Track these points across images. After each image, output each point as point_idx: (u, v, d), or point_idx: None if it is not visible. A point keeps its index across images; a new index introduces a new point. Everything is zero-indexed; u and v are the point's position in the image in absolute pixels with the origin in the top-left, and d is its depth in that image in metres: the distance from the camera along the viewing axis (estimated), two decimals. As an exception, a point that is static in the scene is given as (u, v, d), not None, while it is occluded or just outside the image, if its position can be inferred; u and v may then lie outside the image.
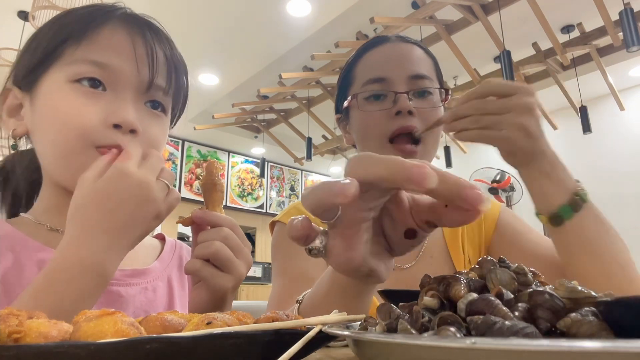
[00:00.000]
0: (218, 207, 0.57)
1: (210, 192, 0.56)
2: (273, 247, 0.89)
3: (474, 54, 3.79)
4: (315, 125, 4.90)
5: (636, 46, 2.66)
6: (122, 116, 0.55)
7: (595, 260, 0.62)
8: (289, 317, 0.33)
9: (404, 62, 0.81)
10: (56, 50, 0.57)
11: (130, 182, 0.47)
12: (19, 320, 0.25)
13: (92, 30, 0.56)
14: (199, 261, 0.52)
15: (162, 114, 0.62)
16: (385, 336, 0.25)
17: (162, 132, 0.62)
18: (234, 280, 0.53)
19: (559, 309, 0.24)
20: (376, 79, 0.80)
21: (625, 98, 4.46)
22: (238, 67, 4.34)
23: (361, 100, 0.81)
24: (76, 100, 0.54)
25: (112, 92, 0.56)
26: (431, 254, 0.87)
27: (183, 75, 0.64)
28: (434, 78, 0.83)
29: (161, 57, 0.60)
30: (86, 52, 0.56)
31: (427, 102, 0.80)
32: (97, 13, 0.58)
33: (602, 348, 0.16)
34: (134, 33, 0.58)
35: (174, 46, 0.64)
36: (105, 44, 0.56)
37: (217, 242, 0.52)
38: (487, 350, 0.18)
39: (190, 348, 0.26)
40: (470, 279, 0.32)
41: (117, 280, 0.60)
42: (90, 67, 0.55)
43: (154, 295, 0.65)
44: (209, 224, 0.55)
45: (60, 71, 0.56)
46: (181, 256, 0.74)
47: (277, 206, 7.01)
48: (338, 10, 3.45)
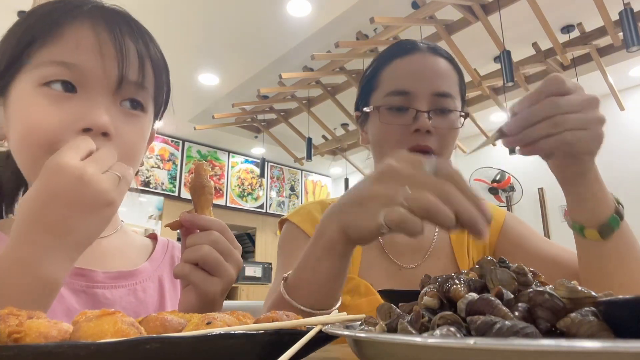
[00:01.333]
0: (207, 209, 0.55)
1: (199, 194, 0.55)
2: (280, 244, 0.90)
3: (474, 54, 3.79)
4: (315, 125, 4.89)
5: (636, 46, 2.65)
6: (91, 119, 0.52)
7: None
8: (289, 317, 0.33)
9: (430, 77, 0.81)
10: (23, 54, 0.54)
11: (64, 176, 0.43)
12: (19, 320, 0.25)
13: (56, 29, 0.54)
14: (187, 265, 0.51)
15: (141, 112, 0.59)
16: (385, 336, 0.25)
17: (140, 132, 0.59)
18: (223, 283, 0.53)
19: (559, 309, 0.24)
20: (400, 92, 0.80)
21: (625, 98, 4.46)
22: (238, 67, 4.34)
23: (383, 110, 0.82)
24: (43, 106, 0.52)
25: (83, 94, 0.54)
26: (437, 256, 0.88)
27: (160, 67, 0.61)
28: (456, 96, 0.83)
29: (132, 50, 0.56)
30: (52, 53, 0.53)
31: (447, 121, 0.80)
32: (62, 10, 0.55)
33: (602, 348, 0.16)
34: (101, 28, 0.55)
35: (148, 38, 0.60)
36: (71, 43, 0.53)
37: (205, 246, 0.51)
38: (487, 350, 0.18)
39: (190, 348, 0.26)
40: (470, 279, 0.32)
41: (102, 283, 0.60)
42: (57, 69, 0.53)
43: (144, 295, 0.64)
44: (197, 227, 0.54)
45: (29, 75, 0.54)
46: (173, 256, 0.74)
47: (277, 206, 7.01)
48: (338, 10, 3.45)
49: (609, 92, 4.07)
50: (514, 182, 5.35)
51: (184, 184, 6.02)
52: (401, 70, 0.83)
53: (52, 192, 0.43)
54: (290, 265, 0.84)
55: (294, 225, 0.88)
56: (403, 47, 0.85)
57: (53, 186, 0.43)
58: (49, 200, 0.43)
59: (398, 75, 0.83)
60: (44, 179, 0.44)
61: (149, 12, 3.29)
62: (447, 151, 0.81)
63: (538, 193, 5.22)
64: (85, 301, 0.57)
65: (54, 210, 0.43)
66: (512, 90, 4.10)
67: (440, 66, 0.83)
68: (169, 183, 5.93)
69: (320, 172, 7.69)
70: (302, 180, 7.52)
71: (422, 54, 0.84)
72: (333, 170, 7.52)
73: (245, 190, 6.75)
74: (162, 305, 0.67)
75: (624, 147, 4.67)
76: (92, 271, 0.59)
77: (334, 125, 5.32)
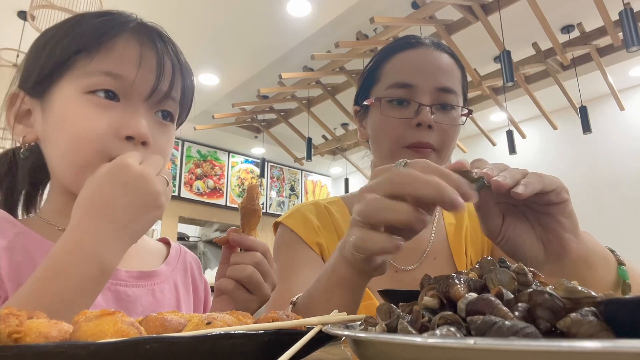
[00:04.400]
0: (254, 231, 0.59)
1: (249, 216, 0.59)
2: (275, 249, 0.89)
3: (474, 54, 3.79)
4: (315, 125, 4.89)
5: (636, 46, 2.65)
6: (134, 128, 0.56)
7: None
8: (289, 317, 0.33)
9: (434, 71, 0.79)
10: (69, 61, 0.57)
11: (130, 173, 0.48)
12: (19, 320, 0.25)
13: (106, 42, 0.57)
14: (232, 282, 0.56)
15: (170, 122, 0.64)
16: (385, 336, 0.25)
17: (170, 141, 0.64)
18: (259, 302, 0.57)
19: (559, 309, 0.24)
20: (403, 84, 0.79)
21: (625, 98, 4.45)
22: (238, 67, 4.34)
23: (384, 102, 0.80)
24: (90, 112, 0.55)
25: (125, 103, 0.57)
26: (434, 256, 0.87)
27: (189, 82, 0.65)
28: (459, 92, 0.82)
29: (169, 66, 0.61)
30: (100, 64, 0.56)
31: (449, 117, 0.79)
32: (111, 24, 0.59)
33: (602, 348, 0.16)
34: (145, 44, 0.59)
35: (180, 53, 0.65)
36: (118, 56, 0.57)
37: (250, 267, 0.56)
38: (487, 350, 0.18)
39: (190, 348, 0.26)
40: (470, 279, 0.32)
41: (124, 281, 0.61)
42: (104, 79, 0.56)
43: (161, 296, 0.66)
44: (244, 247, 0.58)
45: (74, 82, 0.57)
46: (185, 261, 0.75)
47: (277, 206, 7.01)
48: (338, 10, 3.45)
49: (609, 92, 4.07)
50: (514, 182, 5.34)
51: (183, 184, 6.02)
52: (405, 62, 0.81)
53: (119, 186, 0.48)
54: (288, 275, 0.83)
55: (288, 229, 0.87)
56: (407, 41, 0.84)
57: (119, 181, 0.48)
58: (114, 192, 0.47)
59: (401, 67, 0.81)
60: (109, 175, 0.48)
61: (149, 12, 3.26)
62: (448, 148, 0.79)
63: (538, 193, 5.20)
64: (110, 298, 0.59)
65: (120, 204, 0.47)
66: (512, 90, 4.10)
67: (445, 61, 0.82)
68: (169, 183, 5.93)
69: (320, 172, 7.69)
70: (302, 180, 7.51)
71: (427, 48, 0.82)
72: (333, 170, 7.52)
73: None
74: (177, 307, 0.68)
75: (624, 147, 4.67)
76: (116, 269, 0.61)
77: (334, 125, 5.32)
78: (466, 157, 4.21)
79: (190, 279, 0.74)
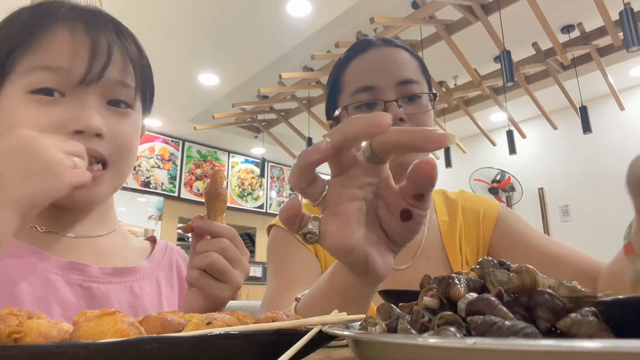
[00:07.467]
0: (220, 216, 0.56)
1: (214, 201, 0.56)
2: (269, 250, 0.89)
3: (474, 54, 3.79)
4: (316, 125, 4.89)
5: (636, 46, 2.65)
6: (82, 121, 0.54)
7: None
8: (289, 317, 0.33)
9: (391, 67, 0.81)
10: (5, 64, 0.55)
11: (19, 141, 0.45)
12: (19, 320, 0.25)
13: (37, 36, 0.55)
14: (196, 271, 0.53)
15: (128, 109, 0.61)
16: (385, 336, 0.25)
17: (132, 129, 0.61)
18: (230, 289, 0.54)
19: (559, 309, 0.24)
20: (365, 88, 0.80)
21: (625, 98, 4.46)
22: (238, 67, 4.34)
23: (352, 109, 0.81)
24: (36, 112, 0.53)
25: (72, 97, 0.55)
26: (428, 255, 0.86)
27: (140, 62, 0.63)
28: (421, 80, 0.83)
29: (104, 45, 0.57)
30: (36, 59, 0.54)
31: (417, 106, 0.80)
32: (41, 16, 0.57)
33: (602, 348, 0.16)
34: (78, 30, 0.56)
35: (127, 34, 0.62)
36: (51, 47, 0.55)
37: (213, 253, 0.52)
38: (487, 350, 0.18)
39: (190, 348, 0.26)
40: (470, 279, 0.32)
41: (96, 278, 0.60)
42: (42, 74, 0.54)
43: (141, 292, 0.65)
44: (209, 234, 0.55)
45: (17, 82, 0.55)
46: (171, 258, 0.74)
47: (277, 206, 7.01)
48: (338, 10, 3.45)
49: (609, 92, 4.07)
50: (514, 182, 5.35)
51: (183, 184, 6.02)
52: (361, 67, 0.83)
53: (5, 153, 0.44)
54: (283, 270, 0.83)
55: (280, 229, 0.88)
56: (359, 46, 0.86)
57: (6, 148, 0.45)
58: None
59: (359, 72, 0.83)
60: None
61: (149, 13, 3.30)
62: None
63: (538, 193, 5.21)
64: (81, 295, 0.58)
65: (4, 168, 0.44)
66: (512, 90, 4.10)
67: (399, 56, 0.83)
68: (169, 183, 5.93)
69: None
70: (302, 180, 7.52)
71: (378, 48, 0.84)
72: (333, 170, 7.51)
73: (246, 190, 6.75)
74: (159, 305, 0.67)
75: (624, 147, 4.67)
76: (86, 266, 0.60)
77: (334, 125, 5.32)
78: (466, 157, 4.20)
79: (175, 276, 0.73)
